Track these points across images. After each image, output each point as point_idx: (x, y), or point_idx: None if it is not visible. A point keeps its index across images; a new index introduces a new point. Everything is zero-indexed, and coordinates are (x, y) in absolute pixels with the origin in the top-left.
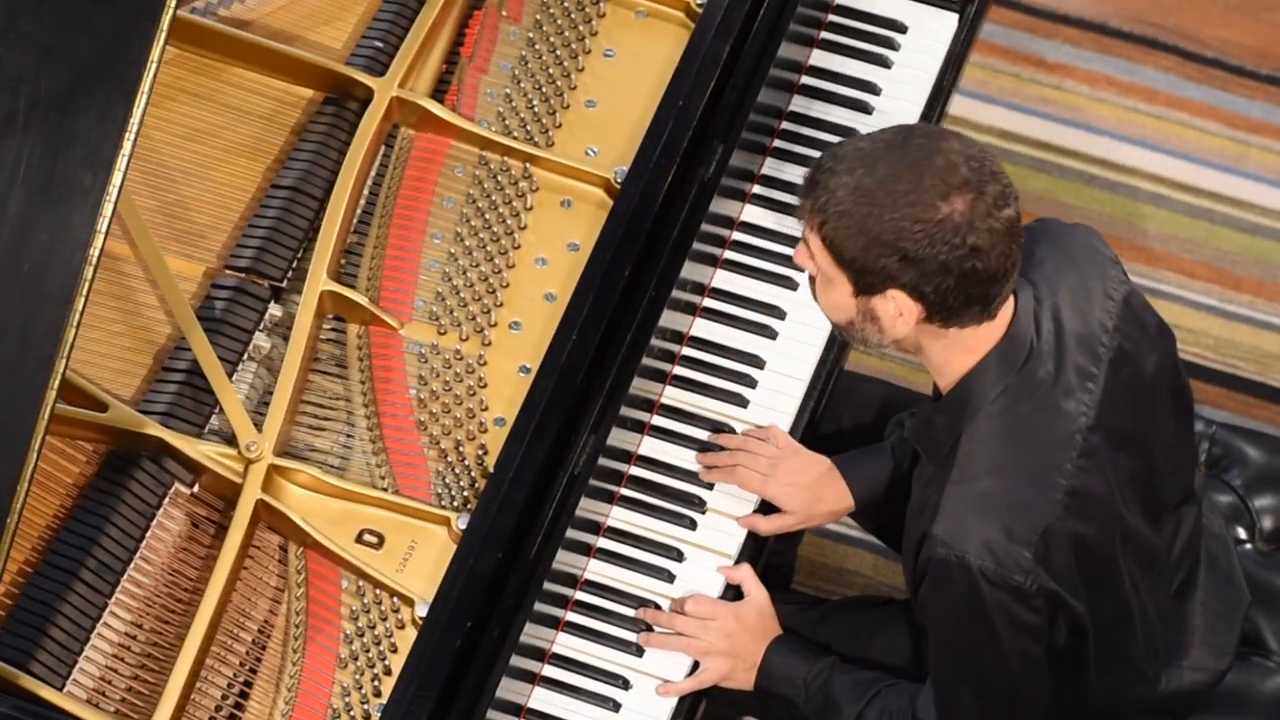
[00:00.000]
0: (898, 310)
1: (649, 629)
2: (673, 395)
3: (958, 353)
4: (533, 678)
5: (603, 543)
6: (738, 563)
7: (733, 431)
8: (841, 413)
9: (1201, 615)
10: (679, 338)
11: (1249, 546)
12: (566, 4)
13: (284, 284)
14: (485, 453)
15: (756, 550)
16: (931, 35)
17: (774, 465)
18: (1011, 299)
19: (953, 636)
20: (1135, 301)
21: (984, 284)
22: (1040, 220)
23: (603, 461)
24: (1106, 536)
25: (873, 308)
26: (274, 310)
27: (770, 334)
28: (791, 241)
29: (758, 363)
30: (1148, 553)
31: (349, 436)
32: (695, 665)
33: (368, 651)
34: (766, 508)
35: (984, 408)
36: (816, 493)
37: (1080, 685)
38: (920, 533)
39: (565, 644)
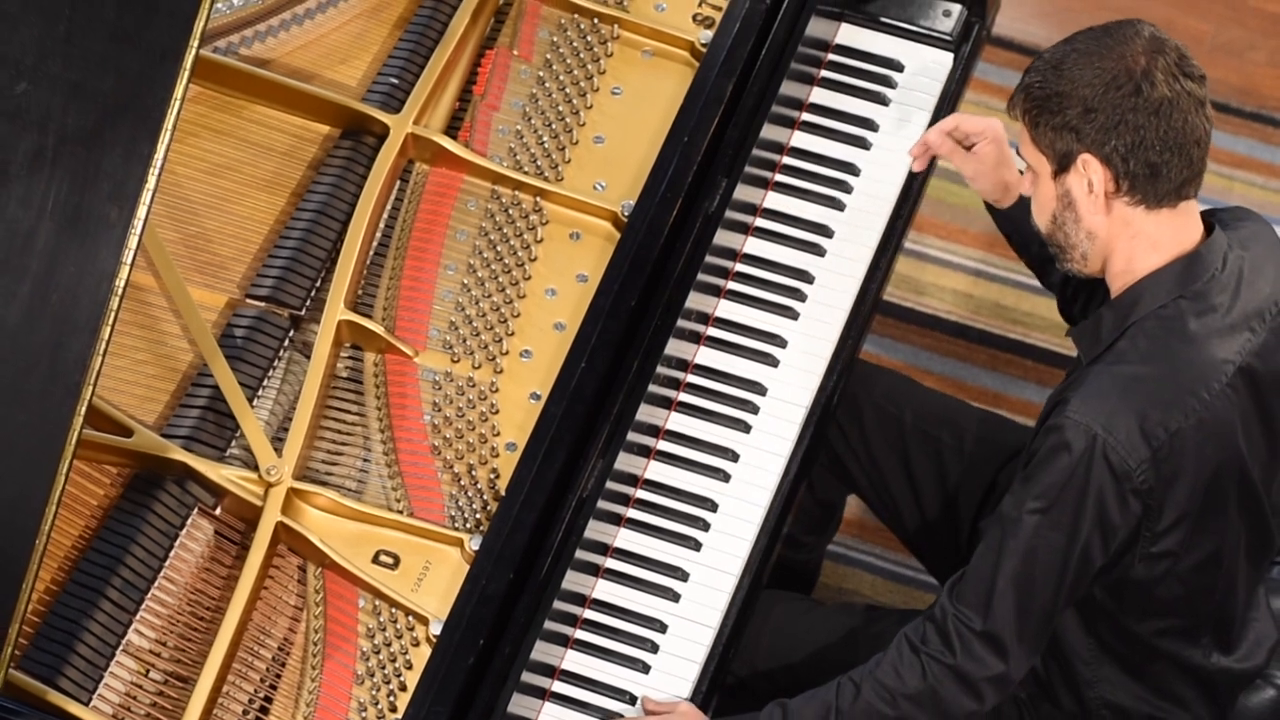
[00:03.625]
0: (1089, 184)
1: (655, 646)
2: (678, 421)
3: (1143, 248)
4: (543, 693)
5: (610, 563)
6: (741, 573)
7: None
8: (861, 403)
9: (1253, 623)
10: (684, 365)
11: None
12: (575, 44)
13: (303, 313)
14: (497, 476)
15: (760, 568)
16: (928, 73)
17: None
18: (1203, 221)
19: (1037, 509)
20: None
21: (1167, 149)
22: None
23: (610, 485)
24: (1225, 469)
25: (1069, 189)
26: (293, 338)
27: (772, 362)
28: (793, 273)
29: (760, 389)
30: (1257, 522)
31: (366, 461)
32: (697, 680)
33: (384, 668)
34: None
35: (1154, 310)
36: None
37: (1139, 614)
38: (1054, 403)
39: (574, 661)
